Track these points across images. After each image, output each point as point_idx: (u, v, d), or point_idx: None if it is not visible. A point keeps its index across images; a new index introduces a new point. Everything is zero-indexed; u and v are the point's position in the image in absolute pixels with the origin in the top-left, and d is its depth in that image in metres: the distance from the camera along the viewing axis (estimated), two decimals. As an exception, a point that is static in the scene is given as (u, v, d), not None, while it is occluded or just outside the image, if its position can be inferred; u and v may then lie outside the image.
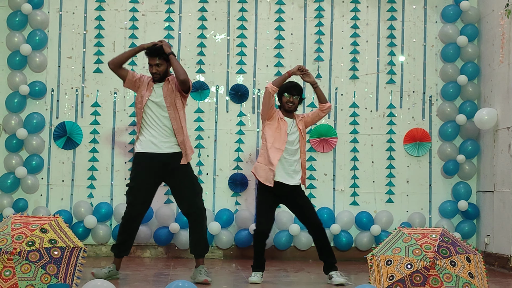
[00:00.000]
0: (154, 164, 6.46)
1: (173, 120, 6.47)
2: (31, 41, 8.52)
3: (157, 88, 6.53)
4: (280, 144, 6.66)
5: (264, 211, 6.71)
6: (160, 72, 6.50)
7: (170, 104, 6.47)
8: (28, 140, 8.46)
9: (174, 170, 6.50)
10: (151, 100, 6.49)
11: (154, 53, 6.48)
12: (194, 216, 6.55)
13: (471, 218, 8.83)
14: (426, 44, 9.08)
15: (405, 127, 8.96)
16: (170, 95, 6.49)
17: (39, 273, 4.26)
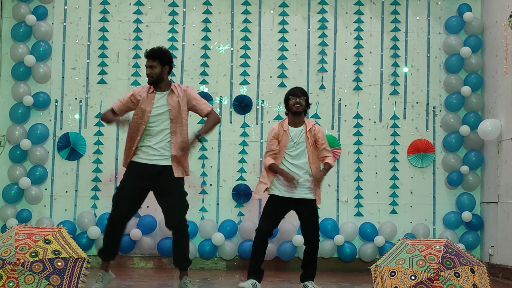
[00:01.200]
0: (146, 173, 6.38)
1: (173, 134, 6.35)
2: (35, 52, 8.55)
3: (160, 99, 6.45)
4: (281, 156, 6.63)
5: (268, 215, 6.68)
6: (153, 75, 6.33)
7: (174, 117, 6.34)
8: (32, 151, 8.48)
9: (164, 182, 6.38)
10: (153, 114, 6.34)
11: (149, 55, 6.41)
12: (179, 231, 6.44)
13: (475, 229, 8.82)
14: (429, 55, 9.09)
15: (408, 138, 8.96)
16: (175, 103, 6.37)
17: (43, 284, 4.26)
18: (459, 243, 8.65)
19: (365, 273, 7.54)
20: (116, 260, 6.73)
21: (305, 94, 6.73)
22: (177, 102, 6.35)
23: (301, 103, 6.67)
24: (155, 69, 6.33)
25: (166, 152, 6.34)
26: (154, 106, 6.34)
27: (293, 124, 6.69)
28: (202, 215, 8.67)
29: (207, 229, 8.51)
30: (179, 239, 6.44)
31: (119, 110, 6.47)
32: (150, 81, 6.36)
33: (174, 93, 6.38)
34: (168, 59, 6.43)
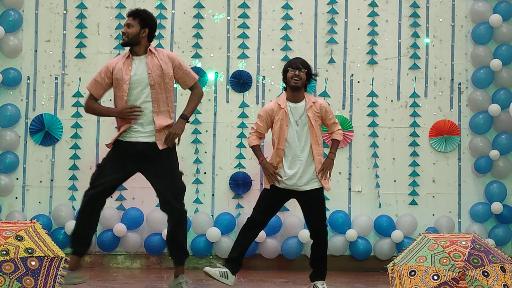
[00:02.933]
0: (130, 151, 6.36)
1: (155, 102, 6.35)
2: (3, 23, 8.53)
3: (139, 62, 6.41)
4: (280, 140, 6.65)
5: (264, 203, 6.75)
6: (129, 34, 6.36)
7: (155, 82, 6.34)
8: (1, 135, 8.49)
9: (153, 162, 6.39)
10: (134, 78, 6.33)
11: (129, 13, 6.42)
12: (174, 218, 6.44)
13: (506, 222, 8.84)
14: (454, 24, 9.08)
15: (430, 119, 8.97)
16: (156, 70, 6.35)
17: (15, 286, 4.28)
18: (488, 238, 8.67)
19: (381, 272, 7.56)
20: (98, 259, 6.77)
21: (306, 66, 6.72)
22: (158, 65, 6.37)
23: (301, 76, 6.67)
24: (132, 28, 6.36)
25: (151, 126, 6.34)
26: (132, 73, 6.34)
27: (292, 100, 6.70)
28: (196, 207, 8.69)
29: (201, 224, 8.54)
30: (175, 226, 6.45)
31: (97, 92, 6.51)
32: (124, 42, 6.41)
33: (154, 56, 6.39)
34: (150, 22, 6.47)
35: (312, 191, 6.65)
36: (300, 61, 6.75)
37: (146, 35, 6.43)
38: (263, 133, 6.81)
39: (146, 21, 6.42)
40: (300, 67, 6.68)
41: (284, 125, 6.63)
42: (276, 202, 6.78)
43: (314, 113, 6.68)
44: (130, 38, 6.37)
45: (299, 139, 6.65)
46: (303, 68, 6.69)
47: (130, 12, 6.45)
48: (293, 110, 6.68)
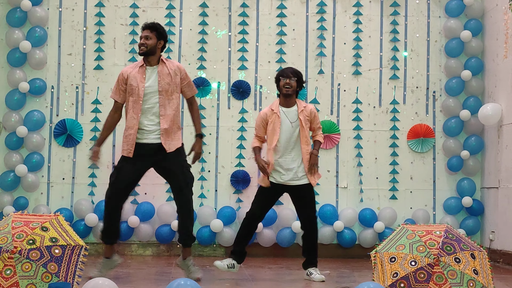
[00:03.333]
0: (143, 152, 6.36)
1: (162, 107, 6.34)
2: (30, 38, 8.53)
3: (152, 71, 6.39)
4: (271, 141, 6.65)
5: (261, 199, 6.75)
6: (147, 45, 6.32)
7: (163, 89, 6.33)
8: (28, 138, 8.48)
9: (163, 160, 6.41)
10: (147, 84, 6.33)
11: (146, 26, 6.40)
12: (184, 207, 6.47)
13: (476, 214, 8.84)
14: (429, 39, 9.07)
15: (408, 123, 8.97)
16: (165, 79, 6.35)
17: (40, 271, 4.27)
18: (460, 228, 8.66)
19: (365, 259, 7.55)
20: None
21: (296, 75, 6.69)
22: (167, 74, 6.37)
23: (291, 84, 6.65)
24: (150, 40, 6.35)
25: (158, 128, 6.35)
26: (146, 81, 6.34)
27: (285, 105, 6.70)
28: (201, 201, 8.67)
29: (205, 216, 8.53)
30: (187, 214, 6.47)
31: (121, 98, 6.53)
32: (142, 51, 6.36)
33: (165, 65, 6.39)
34: (165, 35, 6.49)
35: (303, 186, 6.64)
36: (291, 70, 6.73)
37: (161, 46, 6.44)
38: (262, 136, 6.81)
39: (162, 34, 6.44)
40: (290, 76, 6.66)
41: (276, 127, 6.62)
42: (271, 197, 6.76)
43: (304, 116, 6.67)
44: (148, 49, 6.35)
45: (290, 140, 6.64)
46: (293, 77, 6.67)
47: (148, 25, 6.43)
48: (286, 114, 6.67)
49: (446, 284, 4.41)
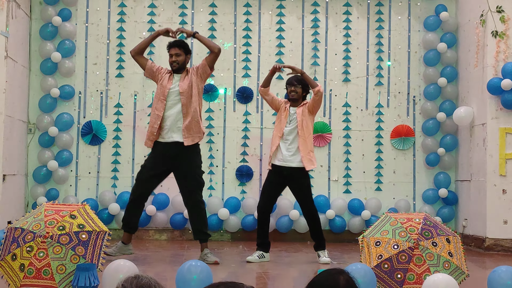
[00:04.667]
0: (167, 153, 6.37)
1: (184, 107, 6.34)
2: (61, 50, 8.54)
3: (176, 79, 6.42)
4: (279, 131, 6.68)
5: (266, 192, 6.75)
6: (179, 61, 6.39)
7: (183, 90, 6.33)
8: (58, 137, 8.49)
9: (179, 161, 6.37)
10: (172, 90, 6.38)
11: (174, 44, 6.42)
12: (195, 208, 6.49)
13: (451, 204, 8.83)
14: (410, 50, 9.07)
15: (391, 124, 8.96)
16: (186, 84, 6.35)
17: (69, 254, 4.27)
18: (436, 216, 8.66)
19: (353, 243, 7.55)
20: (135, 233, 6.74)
21: (300, 82, 6.74)
22: (189, 78, 6.39)
23: (297, 90, 6.71)
24: (180, 57, 6.41)
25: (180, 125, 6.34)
26: (171, 85, 6.38)
27: (292, 105, 6.79)
28: (210, 193, 8.68)
29: (214, 205, 8.53)
30: (199, 215, 6.48)
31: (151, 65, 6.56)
32: (176, 68, 6.42)
33: (188, 72, 6.44)
34: (190, 49, 6.56)
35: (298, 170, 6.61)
36: (294, 79, 6.77)
37: (188, 60, 6.53)
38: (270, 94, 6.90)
39: (188, 49, 6.52)
40: (295, 84, 6.72)
41: (284, 120, 6.65)
42: (274, 186, 6.74)
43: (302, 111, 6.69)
44: (180, 65, 6.43)
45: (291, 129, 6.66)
46: (298, 84, 6.71)
47: (176, 43, 6.43)
48: (291, 111, 6.70)
49: (424, 265, 4.41)
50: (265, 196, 6.76)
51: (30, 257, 4.24)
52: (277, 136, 6.68)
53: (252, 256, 6.61)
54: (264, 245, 6.71)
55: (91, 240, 4.37)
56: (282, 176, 6.68)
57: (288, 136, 6.67)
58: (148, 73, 6.57)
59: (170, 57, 6.45)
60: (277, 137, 6.67)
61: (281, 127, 6.67)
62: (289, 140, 6.66)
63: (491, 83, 7.86)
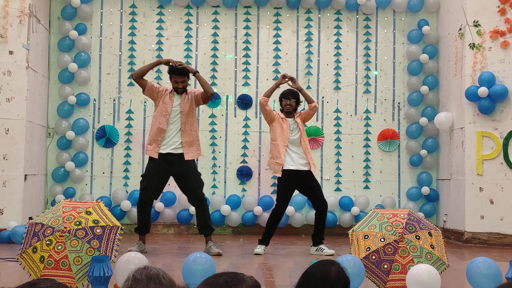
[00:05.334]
0: (166, 162, 6.45)
1: (183, 125, 6.46)
2: (77, 61, 8.55)
3: (178, 98, 6.53)
4: (284, 140, 6.65)
5: (282, 193, 6.70)
6: (185, 87, 6.53)
7: (183, 111, 6.45)
8: (75, 140, 8.50)
9: (179, 167, 6.45)
10: (174, 108, 6.50)
11: (181, 73, 6.48)
12: (199, 206, 6.54)
13: (432, 200, 8.84)
14: (395, 61, 9.08)
15: (378, 128, 8.97)
16: (186, 104, 6.47)
17: (85, 247, 4.27)
18: (419, 212, 8.67)
19: (344, 236, 7.56)
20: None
21: (295, 96, 6.75)
22: (188, 99, 6.51)
23: (292, 104, 6.72)
24: (184, 83, 6.53)
25: (179, 141, 6.44)
26: (173, 104, 6.49)
27: (286, 116, 6.76)
28: (213, 190, 8.69)
29: (216, 202, 8.54)
30: (203, 211, 6.52)
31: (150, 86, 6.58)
32: (181, 91, 6.52)
33: (188, 93, 6.55)
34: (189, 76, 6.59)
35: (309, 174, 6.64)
36: (290, 92, 6.77)
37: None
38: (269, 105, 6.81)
39: (188, 75, 6.51)
40: (290, 98, 6.72)
41: (285, 131, 6.63)
42: (291, 190, 6.73)
43: (300, 120, 6.72)
44: (184, 89, 6.52)
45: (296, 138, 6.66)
46: (292, 98, 6.72)
47: (181, 72, 6.46)
48: (290, 121, 6.69)
49: (408, 256, 4.41)
50: (281, 200, 6.71)
51: (49, 249, 4.24)
52: (282, 145, 6.62)
53: (258, 249, 6.61)
54: (267, 241, 6.73)
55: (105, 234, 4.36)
56: (295, 179, 6.66)
57: (293, 144, 6.67)
58: (147, 93, 6.64)
59: (175, 83, 6.51)
60: (283, 147, 6.63)
61: (285, 136, 6.64)
62: (295, 147, 6.67)
63: (469, 91, 7.87)
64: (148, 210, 6.58)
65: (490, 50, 7.88)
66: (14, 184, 7.41)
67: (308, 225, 8.32)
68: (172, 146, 6.45)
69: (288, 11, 8.99)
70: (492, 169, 7.80)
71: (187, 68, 6.51)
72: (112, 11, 8.81)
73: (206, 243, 6.49)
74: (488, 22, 7.89)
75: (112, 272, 4.24)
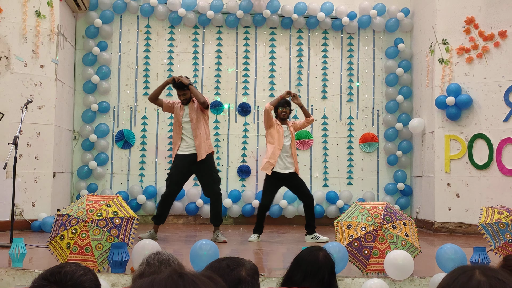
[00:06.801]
0: (186, 161, 6.46)
1: (194, 131, 6.45)
2: (99, 73, 8.55)
3: (186, 108, 6.55)
4: (279, 144, 6.65)
5: (267, 190, 6.69)
6: (186, 98, 6.49)
7: (192, 118, 6.46)
8: (97, 142, 8.49)
9: (198, 165, 6.46)
10: (184, 119, 6.51)
11: (180, 87, 6.48)
12: (212, 199, 6.53)
13: (407, 195, 8.85)
14: (374, 74, 9.09)
15: (360, 132, 8.97)
16: (193, 112, 6.47)
17: (106, 235, 4.27)
18: (395, 204, 8.68)
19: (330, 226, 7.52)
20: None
21: (289, 105, 6.76)
22: (195, 107, 6.50)
23: (286, 111, 6.71)
24: (186, 95, 6.50)
25: (192, 144, 6.44)
26: (184, 114, 6.51)
27: (281, 123, 6.74)
28: (216, 186, 8.68)
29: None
30: (215, 204, 6.51)
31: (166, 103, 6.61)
32: (185, 102, 6.53)
33: (194, 103, 6.53)
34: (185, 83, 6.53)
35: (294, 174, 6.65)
36: (285, 102, 6.75)
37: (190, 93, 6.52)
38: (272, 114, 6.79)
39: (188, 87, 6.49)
40: (286, 106, 6.72)
41: (281, 136, 6.62)
42: (275, 189, 6.73)
43: (293, 129, 6.72)
44: (188, 99, 6.50)
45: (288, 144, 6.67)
46: (288, 106, 6.72)
47: (182, 86, 6.44)
48: (284, 128, 6.68)
49: (386, 243, 4.41)
50: (267, 196, 6.71)
51: (75, 237, 4.24)
52: (278, 148, 6.62)
53: (253, 237, 6.61)
54: (260, 230, 6.72)
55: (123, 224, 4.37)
56: (281, 180, 6.67)
57: (286, 149, 6.67)
58: (166, 109, 6.66)
59: (178, 96, 6.54)
60: (278, 150, 6.63)
61: (280, 141, 6.64)
62: (287, 152, 6.68)
63: (438, 100, 7.88)
64: (171, 201, 6.57)
65: (457, 64, 7.90)
66: (44, 181, 7.41)
67: (299, 216, 8.32)
68: (189, 149, 6.47)
69: (282, 31, 8.99)
70: (458, 167, 7.81)
71: (183, 82, 6.48)
72: (130, 31, 8.81)
73: (214, 232, 6.49)
74: (455, 41, 7.91)
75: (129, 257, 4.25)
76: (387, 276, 4.24)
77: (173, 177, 6.52)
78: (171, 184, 6.52)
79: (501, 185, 7.47)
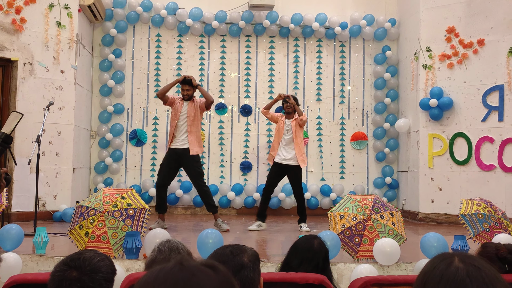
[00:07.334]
0: (177, 155, 6.41)
1: (189, 126, 6.41)
2: (114, 78, 8.54)
3: (185, 105, 6.50)
4: (278, 138, 6.66)
5: (270, 177, 6.69)
6: (189, 95, 6.45)
7: (190, 114, 6.41)
8: (113, 141, 8.49)
9: (185, 159, 6.41)
10: (182, 114, 6.45)
11: (186, 83, 6.46)
12: (198, 190, 6.48)
13: (394, 188, 8.84)
14: (364, 78, 9.08)
15: (351, 131, 8.96)
16: (192, 109, 6.42)
17: (121, 225, 4.28)
18: (383, 197, 8.67)
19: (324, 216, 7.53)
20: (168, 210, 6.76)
21: (294, 99, 6.66)
22: (194, 106, 6.45)
23: (290, 105, 6.64)
24: (189, 91, 6.44)
25: (186, 138, 6.40)
26: (182, 109, 6.44)
27: (287, 117, 6.71)
28: (221, 180, 8.68)
29: (224, 189, 8.54)
30: (202, 195, 6.48)
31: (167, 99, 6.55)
32: (187, 98, 6.46)
33: (194, 101, 6.48)
34: (195, 87, 6.52)
35: (295, 166, 6.60)
36: (287, 97, 6.72)
37: (194, 91, 6.48)
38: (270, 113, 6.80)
39: (192, 86, 6.46)
40: (285, 102, 6.69)
41: (281, 130, 6.62)
42: (276, 176, 6.70)
43: (296, 122, 6.67)
44: (189, 96, 6.45)
45: (289, 138, 6.64)
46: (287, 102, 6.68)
47: (186, 82, 6.43)
48: (287, 122, 6.66)
49: (375, 232, 4.41)
50: (269, 182, 6.71)
51: (93, 227, 4.24)
52: (277, 142, 6.64)
53: (252, 226, 6.60)
54: (262, 216, 6.70)
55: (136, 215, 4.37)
56: (281, 170, 6.66)
57: (286, 142, 6.65)
58: (168, 104, 6.60)
59: (182, 90, 6.49)
60: (277, 143, 6.64)
61: (280, 135, 6.65)
62: (287, 145, 6.64)
63: (422, 102, 7.87)
64: (164, 192, 6.51)
65: (439, 69, 7.88)
66: (65, 175, 7.41)
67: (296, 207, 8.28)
68: (181, 143, 6.41)
69: (280, 39, 8.98)
70: (440, 163, 7.81)
71: (193, 81, 6.47)
72: (142, 39, 8.80)
73: (215, 220, 6.47)
74: (437, 48, 7.90)
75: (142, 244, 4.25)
76: (376, 262, 4.24)
77: (163, 168, 6.48)
78: (161, 175, 6.47)
79: (479, 179, 7.47)
